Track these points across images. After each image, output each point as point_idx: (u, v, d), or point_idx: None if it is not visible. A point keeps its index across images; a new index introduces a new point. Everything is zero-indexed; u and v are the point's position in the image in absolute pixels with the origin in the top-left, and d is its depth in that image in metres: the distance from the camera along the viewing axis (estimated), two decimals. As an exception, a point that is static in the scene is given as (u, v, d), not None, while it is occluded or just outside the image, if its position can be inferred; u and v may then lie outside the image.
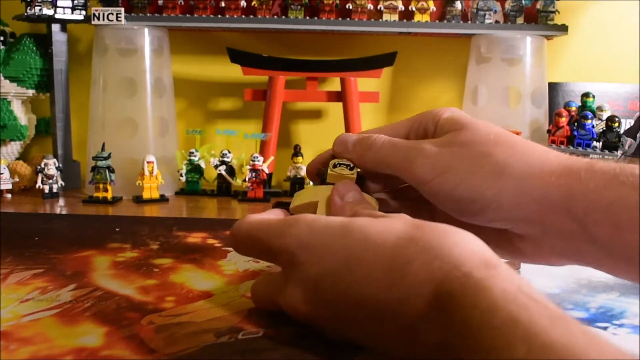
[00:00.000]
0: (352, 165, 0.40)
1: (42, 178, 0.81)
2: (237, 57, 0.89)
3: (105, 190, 0.79)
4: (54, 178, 0.82)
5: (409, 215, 0.32)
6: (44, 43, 0.88)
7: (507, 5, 0.86)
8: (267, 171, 0.83)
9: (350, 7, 0.85)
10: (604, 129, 0.82)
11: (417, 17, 0.85)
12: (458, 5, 0.85)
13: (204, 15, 0.85)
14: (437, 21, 0.86)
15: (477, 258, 0.27)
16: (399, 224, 0.30)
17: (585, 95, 0.86)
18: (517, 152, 0.33)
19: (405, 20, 0.85)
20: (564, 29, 0.84)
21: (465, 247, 0.28)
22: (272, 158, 0.86)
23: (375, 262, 0.29)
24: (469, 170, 0.34)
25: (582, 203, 0.31)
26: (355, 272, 0.29)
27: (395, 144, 0.37)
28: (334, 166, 0.39)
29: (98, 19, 0.81)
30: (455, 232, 0.29)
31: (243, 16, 0.85)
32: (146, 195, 0.80)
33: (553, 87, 0.92)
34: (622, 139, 0.81)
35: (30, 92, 0.88)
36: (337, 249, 0.30)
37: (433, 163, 0.34)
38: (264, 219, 0.35)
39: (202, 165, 0.86)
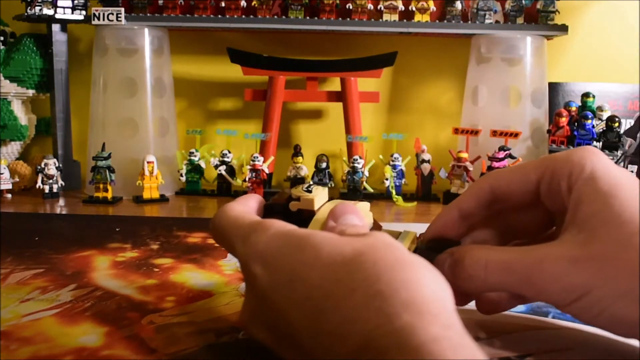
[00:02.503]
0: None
1: (42, 178, 0.81)
2: (237, 57, 0.89)
3: (106, 190, 0.79)
4: (54, 178, 0.82)
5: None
6: (44, 43, 0.88)
7: (507, 5, 0.85)
8: (267, 171, 0.83)
9: (350, 7, 0.85)
10: (604, 129, 0.82)
11: (417, 17, 0.85)
12: (458, 5, 0.85)
13: (204, 15, 0.85)
14: (437, 21, 0.86)
15: (430, 307, 0.23)
16: (355, 242, 0.27)
17: (585, 95, 0.86)
18: None
19: (405, 20, 0.85)
20: (564, 29, 0.84)
21: (419, 289, 0.24)
22: (272, 158, 0.86)
23: (316, 283, 0.26)
24: (615, 294, 0.27)
25: None
26: (296, 290, 0.26)
27: (509, 266, 0.29)
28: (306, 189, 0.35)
29: (98, 19, 0.81)
30: (415, 265, 0.25)
31: (243, 16, 0.85)
32: (146, 195, 0.80)
33: (553, 87, 0.92)
34: (622, 139, 0.81)
35: (30, 92, 0.88)
36: (287, 264, 0.27)
37: (567, 286, 0.28)
38: (239, 216, 0.33)
39: (202, 165, 0.86)
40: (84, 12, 0.86)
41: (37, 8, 0.84)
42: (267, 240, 0.29)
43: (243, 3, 0.85)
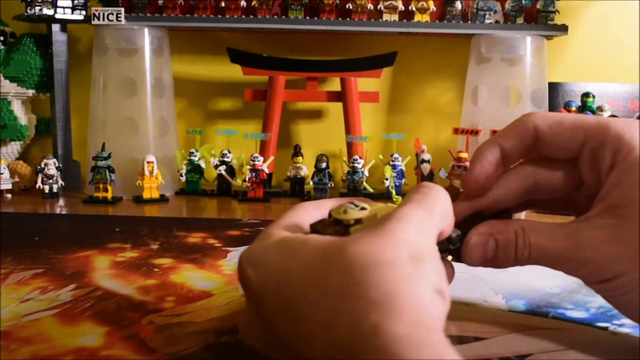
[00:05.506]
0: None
1: (42, 178, 0.81)
2: (237, 57, 0.89)
3: (105, 190, 0.79)
4: (54, 178, 0.82)
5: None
6: (44, 43, 0.88)
7: (507, 5, 0.85)
8: (267, 171, 0.83)
9: (350, 7, 0.85)
10: (604, 129, 0.82)
11: (417, 17, 0.85)
12: (458, 5, 0.85)
13: (204, 15, 0.85)
14: (437, 21, 0.85)
15: (398, 304, 0.22)
16: (342, 243, 0.25)
17: (585, 95, 0.86)
18: None
19: (405, 20, 0.85)
20: (564, 29, 0.84)
21: (391, 287, 0.23)
22: (272, 158, 0.86)
23: (296, 289, 0.25)
24: None
25: None
26: (282, 297, 0.26)
27: (548, 249, 0.30)
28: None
29: (98, 19, 0.81)
30: (394, 264, 0.24)
31: (243, 16, 0.85)
32: (146, 195, 0.80)
33: (553, 87, 0.92)
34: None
35: (30, 92, 0.88)
36: (275, 271, 0.27)
37: (601, 268, 0.29)
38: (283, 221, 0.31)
39: (202, 165, 0.86)
40: (83, 12, 0.86)
41: (37, 8, 0.84)
42: (262, 248, 0.29)
43: (243, 3, 0.85)
